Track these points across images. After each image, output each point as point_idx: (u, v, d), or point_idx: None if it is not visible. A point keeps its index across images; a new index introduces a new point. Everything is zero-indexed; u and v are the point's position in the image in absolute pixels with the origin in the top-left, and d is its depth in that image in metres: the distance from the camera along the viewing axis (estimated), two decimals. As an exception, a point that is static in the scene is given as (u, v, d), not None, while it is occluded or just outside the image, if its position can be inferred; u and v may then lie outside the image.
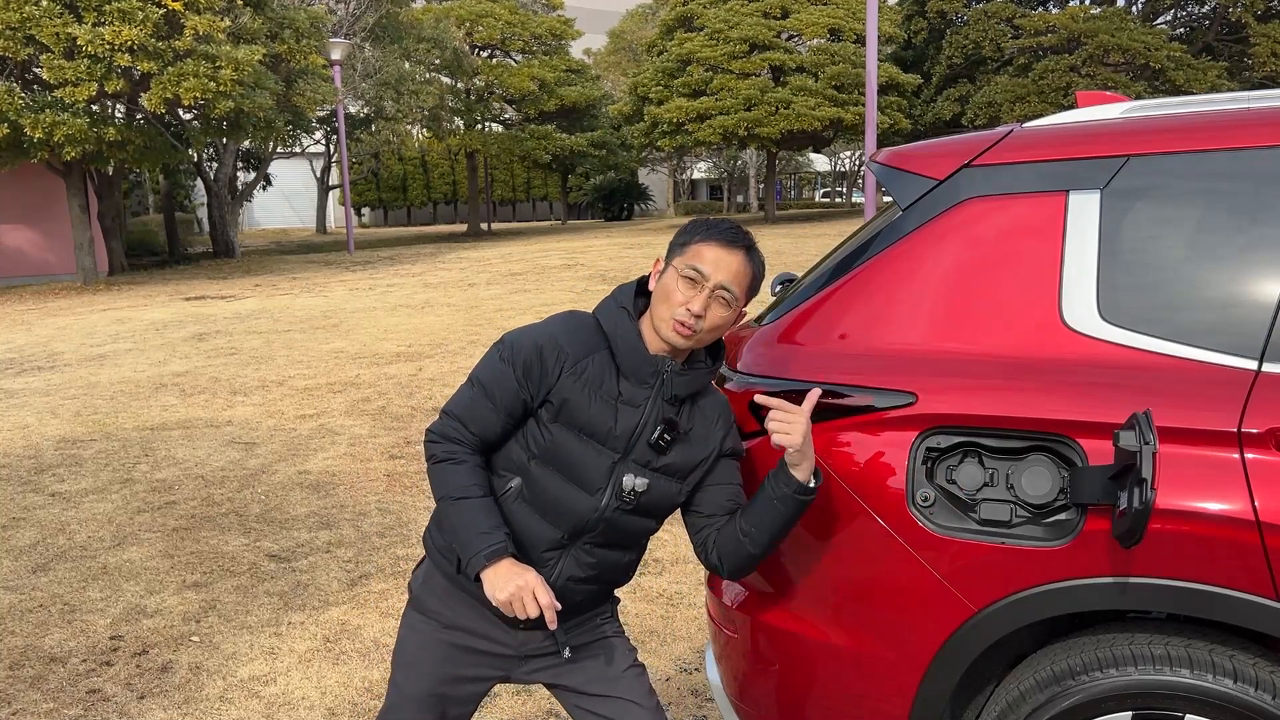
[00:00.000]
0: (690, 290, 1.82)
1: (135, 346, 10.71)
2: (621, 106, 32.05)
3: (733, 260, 1.83)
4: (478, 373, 1.89)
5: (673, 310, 1.82)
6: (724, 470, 1.96)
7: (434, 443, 1.87)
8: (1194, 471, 1.68)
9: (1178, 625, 1.80)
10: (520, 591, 1.74)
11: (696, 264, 1.82)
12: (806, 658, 2.01)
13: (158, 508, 5.23)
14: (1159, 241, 1.82)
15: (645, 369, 1.86)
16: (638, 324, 1.89)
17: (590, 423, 1.84)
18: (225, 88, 15.86)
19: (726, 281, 1.82)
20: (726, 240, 1.84)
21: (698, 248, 1.84)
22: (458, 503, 1.82)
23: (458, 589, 1.94)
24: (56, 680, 3.42)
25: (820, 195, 62.20)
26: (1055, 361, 1.79)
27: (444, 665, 1.96)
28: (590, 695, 1.96)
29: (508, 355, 1.86)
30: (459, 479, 1.83)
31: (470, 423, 1.86)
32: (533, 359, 1.84)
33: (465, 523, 1.81)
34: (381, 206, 46.96)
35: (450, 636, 1.96)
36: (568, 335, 1.87)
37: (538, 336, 1.87)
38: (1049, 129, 2.01)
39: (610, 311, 1.90)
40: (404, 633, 2.01)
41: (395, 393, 7.80)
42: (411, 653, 1.98)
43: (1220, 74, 29.08)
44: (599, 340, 1.88)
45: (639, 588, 4.04)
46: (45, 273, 19.91)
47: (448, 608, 1.95)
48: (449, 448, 1.86)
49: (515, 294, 13.82)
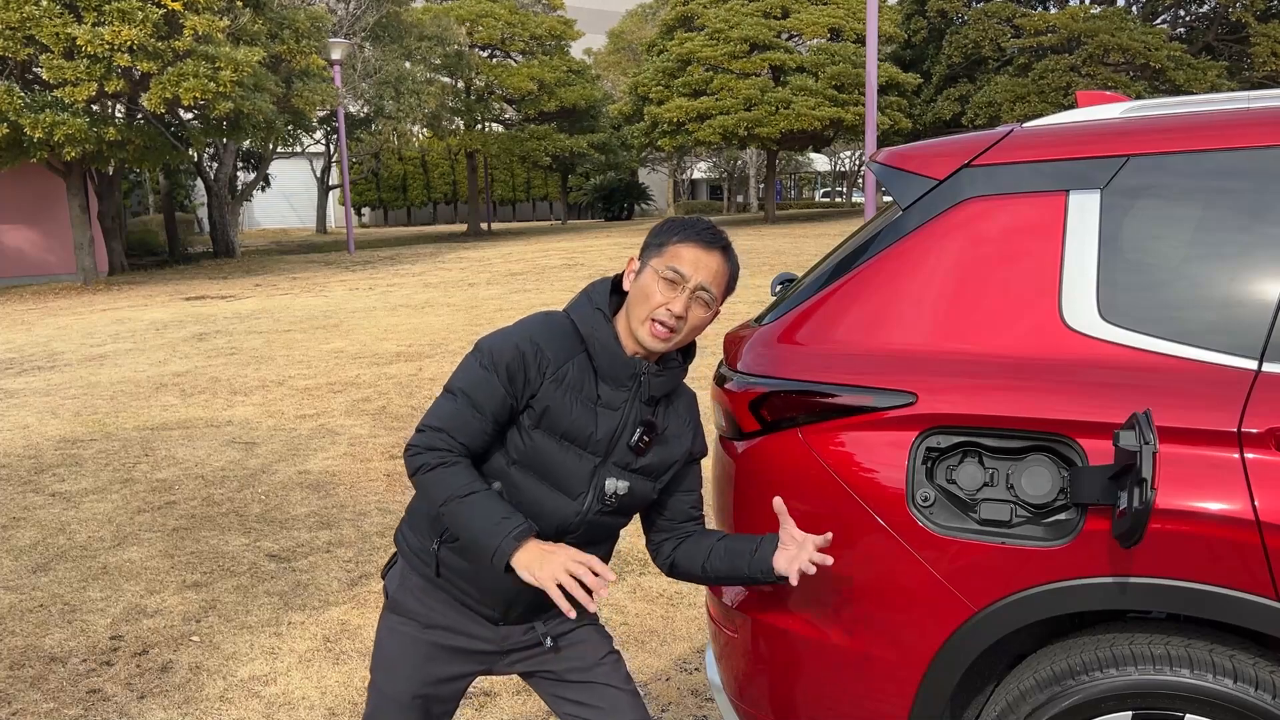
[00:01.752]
0: (671, 291, 1.80)
1: (135, 346, 10.71)
2: (621, 106, 32.06)
3: (711, 260, 1.83)
4: (458, 383, 1.82)
5: (653, 311, 1.81)
6: (690, 476, 1.99)
7: (418, 454, 1.80)
8: (1194, 471, 1.68)
9: (1178, 625, 1.80)
10: (571, 569, 1.70)
11: (676, 265, 1.81)
12: (807, 657, 2.01)
13: (158, 508, 5.23)
14: (1159, 241, 1.82)
15: (623, 372, 1.85)
16: (614, 326, 1.87)
17: (572, 429, 1.82)
18: (225, 88, 15.86)
19: (706, 282, 1.82)
20: (705, 241, 1.83)
21: (676, 248, 1.82)
22: (465, 500, 1.76)
23: (435, 588, 1.94)
24: (56, 680, 3.42)
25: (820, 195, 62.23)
26: (1055, 361, 1.79)
27: (426, 666, 1.95)
28: (569, 683, 1.97)
29: (488, 362, 1.81)
30: (458, 478, 1.78)
31: (457, 433, 1.80)
32: (516, 365, 1.80)
33: (480, 515, 1.75)
34: (381, 206, 46.95)
35: (431, 636, 1.94)
36: (547, 339, 1.83)
37: (518, 341, 1.82)
38: (1049, 129, 2.01)
39: (586, 313, 1.87)
40: (382, 635, 1.98)
41: (395, 393, 7.80)
42: (392, 656, 1.96)
43: (1220, 74, 29.09)
44: (577, 343, 1.85)
45: (639, 588, 4.04)
46: (45, 273, 19.91)
47: (426, 607, 1.94)
48: (439, 455, 1.79)
49: (515, 294, 13.83)
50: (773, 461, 2.00)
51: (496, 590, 1.89)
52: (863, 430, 1.90)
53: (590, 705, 1.95)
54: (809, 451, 1.95)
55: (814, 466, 1.94)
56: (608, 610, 3.80)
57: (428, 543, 1.92)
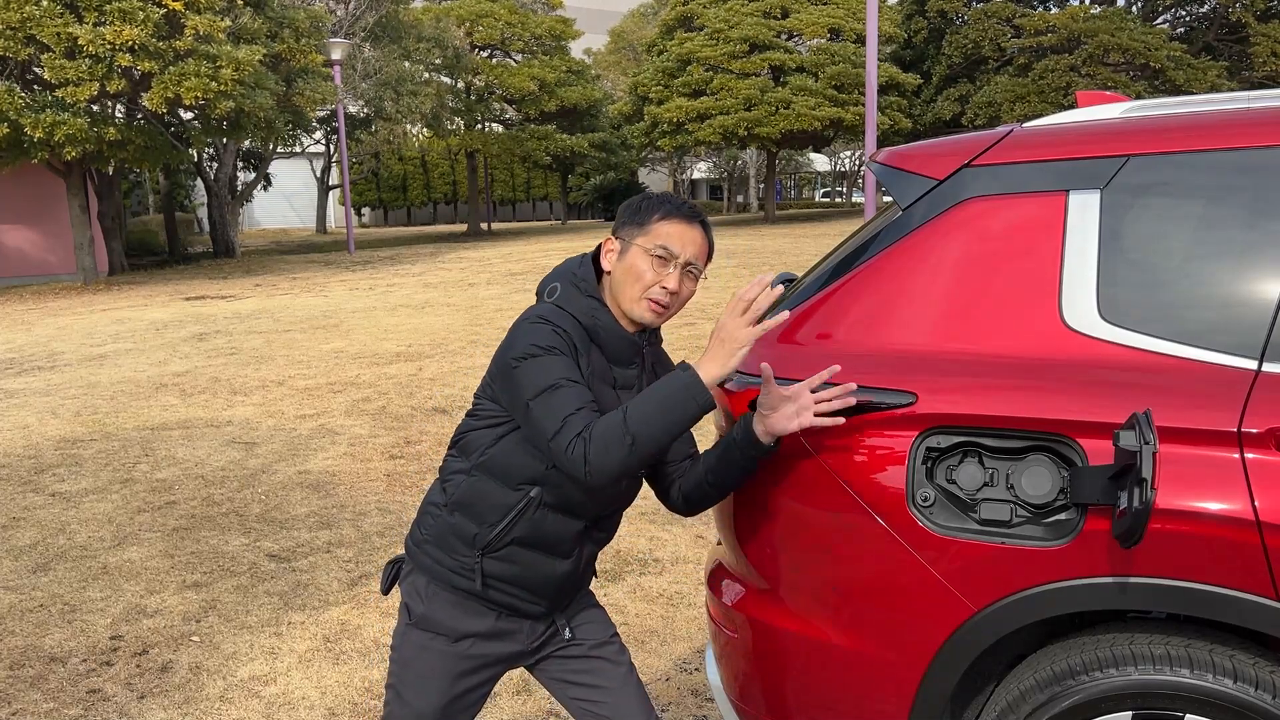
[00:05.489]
0: (663, 268, 1.85)
1: (135, 346, 10.71)
2: (622, 106, 32.07)
3: (695, 235, 1.88)
4: (545, 379, 1.75)
5: (647, 290, 1.85)
6: None
7: (575, 439, 1.69)
8: (1194, 471, 1.67)
9: (1178, 625, 1.80)
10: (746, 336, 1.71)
11: (664, 243, 1.85)
12: (807, 658, 2.01)
13: (158, 508, 5.23)
14: (1159, 241, 1.82)
15: (630, 351, 1.90)
16: (609, 310, 1.90)
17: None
18: (226, 88, 15.86)
19: (693, 257, 1.87)
20: (686, 216, 1.88)
21: (660, 226, 1.86)
22: (630, 413, 1.69)
23: (473, 599, 1.94)
24: (56, 680, 3.42)
25: (820, 195, 62.22)
26: (1055, 361, 1.79)
27: (459, 680, 1.95)
28: (574, 658, 2.02)
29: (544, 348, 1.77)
30: (608, 416, 1.71)
31: (585, 403, 1.74)
32: (568, 346, 1.79)
33: (653, 403, 1.70)
34: (381, 206, 46.96)
35: (462, 648, 1.95)
36: (569, 329, 1.83)
37: (552, 329, 1.79)
38: (1049, 129, 2.01)
39: (581, 303, 1.88)
40: (410, 654, 1.96)
41: (395, 393, 7.80)
42: (423, 673, 1.95)
43: (1220, 74, 29.09)
44: (584, 333, 1.87)
45: (639, 588, 4.04)
46: (45, 273, 19.91)
47: (456, 620, 1.94)
48: (577, 427, 1.70)
49: (515, 294, 13.82)
50: (773, 462, 1.99)
51: (548, 584, 1.93)
52: (863, 430, 1.90)
53: (595, 686, 2.00)
54: (809, 451, 1.95)
55: (814, 466, 1.94)
56: (608, 611, 3.80)
57: (467, 559, 1.91)
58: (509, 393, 1.81)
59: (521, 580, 1.92)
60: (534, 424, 1.75)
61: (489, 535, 1.89)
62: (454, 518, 1.92)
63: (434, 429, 6.65)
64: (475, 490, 1.89)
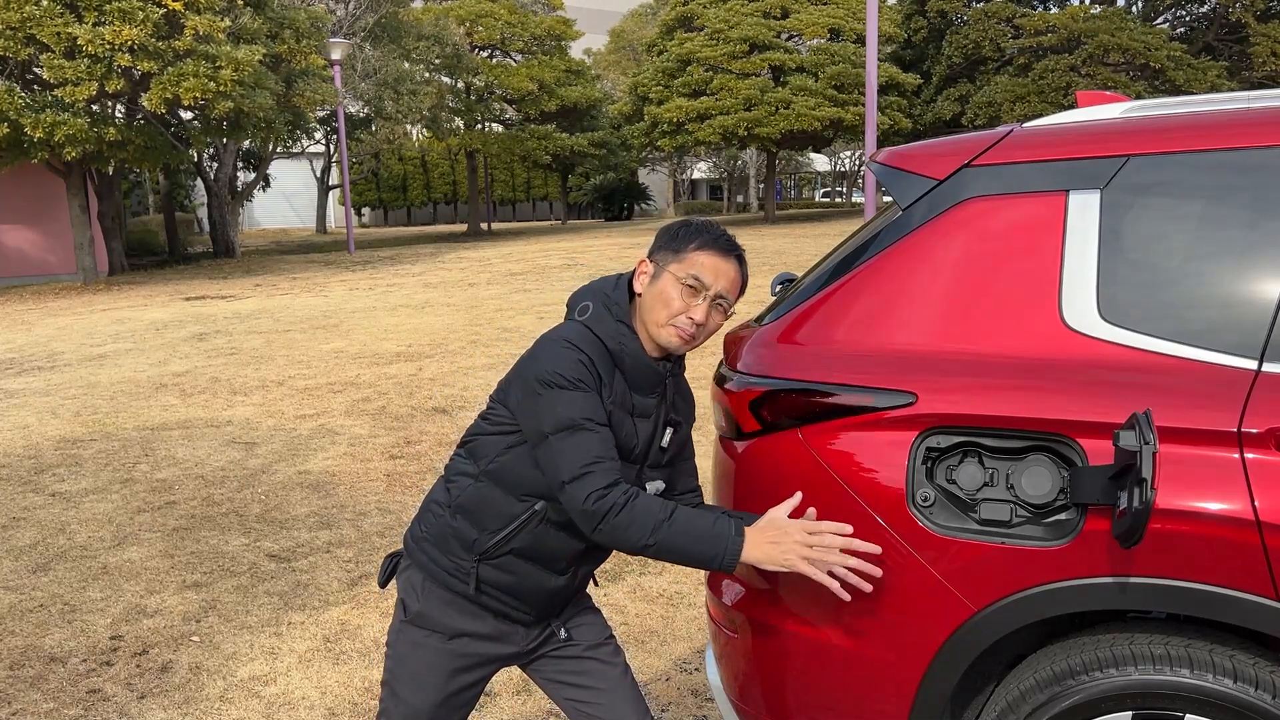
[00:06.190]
0: (692, 298, 1.84)
1: (135, 346, 10.71)
2: (621, 106, 32.05)
3: (729, 269, 1.87)
4: (568, 416, 1.75)
5: (673, 318, 1.84)
6: (687, 444, 2.06)
7: (604, 496, 1.72)
8: (1194, 471, 1.67)
9: (1178, 625, 1.80)
10: (807, 550, 1.73)
11: (697, 273, 1.83)
12: (807, 658, 2.01)
13: (158, 508, 5.23)
14: (1159, 241, 1.82)
15: (653, 380, 1.89)
16: (638, 337, 1.88)
17: (623, 444, 1.85)
18: (225, 88, 15.86)
19: (724, 290, 1.86)
20: (723, 249, 1.86)
21: (696, 256, 1.85)
22: (670, 521, 1.73)
23: (466, 600, 1.94)
24: (56, 680, 3.42)
25: (820, 195, 62.21)
26: (1055, 361, 1.79)
27: (454, 677, 1.96)
28: (569, 658, 2.03)
29: (571, 380, 1.76)
30: (651, 507, 1.74)
31: (609, 454, 1.76)
32: (591, 377, 1.79)
33: (691, 530, 1.74)
34: (381, 206, 46.95)
35: (457, 645, 1.95)
36: (594, 355, 1.82)
37: (577, 357, 1.79)
38: (1049, 129, 2.01)
39: (610, 328, 1.86)
40: (405, 650, 1.97)
41: (395, 393, 7.80)
42: (418, 670, 1.95)
43: (1220, 74, 29.08)
44: (609, 358, 1.85)
45: (639, 588, 4.04)
46: (45, 273, 19.91)
47: (451, 618, 1.95)
48: (621, 488, 1.74)
49: (515, 294, 13.82)
50: (773, 462, 2.00)
51: (539, 596, 1.94)
52: (863, 430, 1.90)
53: (590, 687, 2.01)
54: (809, 452, 1.95)
55: (814, 467, 1.94)
56: (608, 611, 3.80)
57: (464, 562, 1.92)
58: (528, 414, 1.81)
59: (514, 590, 1.93)
60: (549, 458, 1.77)
61: (488, 542, 1.89)
62: (456, 520, 1.92)
63: (434, 429, 6.65)
64: (480, 496, 1.89)
